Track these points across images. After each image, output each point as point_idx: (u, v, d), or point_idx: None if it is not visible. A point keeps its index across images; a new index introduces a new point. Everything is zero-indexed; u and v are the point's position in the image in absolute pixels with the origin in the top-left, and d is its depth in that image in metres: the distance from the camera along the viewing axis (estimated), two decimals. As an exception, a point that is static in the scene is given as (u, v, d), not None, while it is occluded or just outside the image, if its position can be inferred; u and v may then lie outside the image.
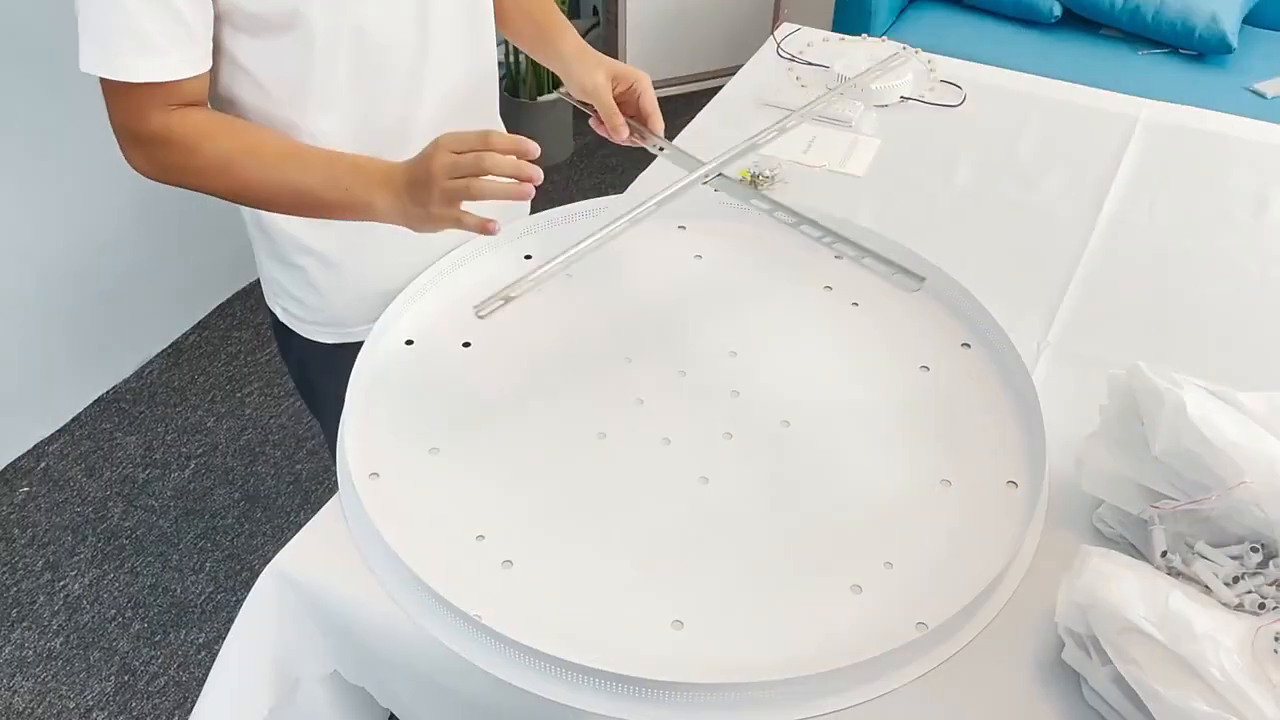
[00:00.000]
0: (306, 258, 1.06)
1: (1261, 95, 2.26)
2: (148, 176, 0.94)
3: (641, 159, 1.22)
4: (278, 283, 1.11)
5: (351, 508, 0.88)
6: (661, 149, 1.08)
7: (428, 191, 0.86)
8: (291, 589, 0.89)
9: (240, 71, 0.94)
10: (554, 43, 1.11)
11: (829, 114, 1.45)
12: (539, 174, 0.85)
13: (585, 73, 1.07)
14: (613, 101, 1.07)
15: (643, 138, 1.09)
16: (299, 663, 0.93)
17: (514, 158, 0.85)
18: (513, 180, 0.85)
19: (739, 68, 1.61)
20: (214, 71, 0.93)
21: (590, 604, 0.82)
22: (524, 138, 0.86)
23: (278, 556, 0.89)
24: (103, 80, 0.89)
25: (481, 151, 0.84)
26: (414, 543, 0.84)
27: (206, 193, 0.94)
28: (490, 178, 0.85)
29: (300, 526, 0.91)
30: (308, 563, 0.88)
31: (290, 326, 1.15)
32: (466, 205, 0.87)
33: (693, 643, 0.80)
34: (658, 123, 1.08)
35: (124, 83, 0.87)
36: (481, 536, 0.87)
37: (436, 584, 0.79)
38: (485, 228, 0.87)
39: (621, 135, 1.08)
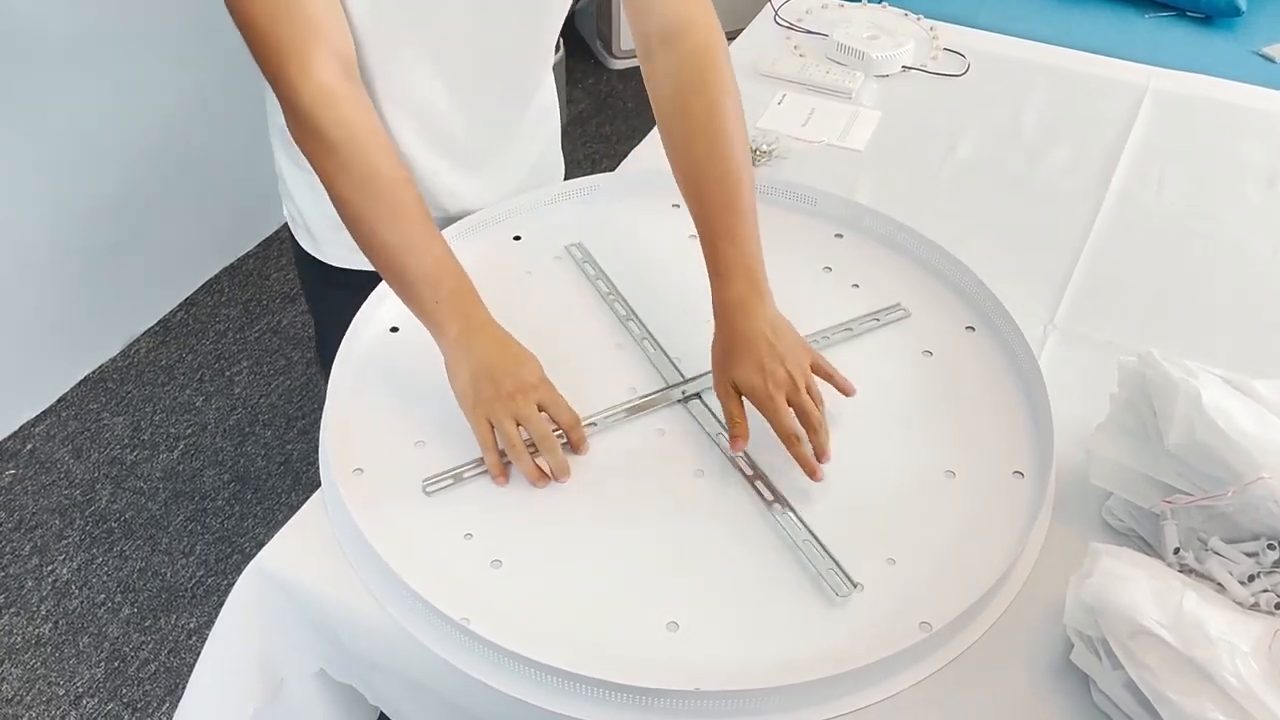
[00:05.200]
0: None
1: (1271, 59, 2.21)
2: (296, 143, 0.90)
3: (635, 131, 1.18)
4: (286, 179, 1.11)
5: (334, 505, 0.85)
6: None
7: (516, 384, 0.85)
8: (274, 588, 0.86)
9: None
10: (711, 268, 0.91)
11: (828, 85, 1.41)
12: (562, 476, 0.87)
13: (716, 365, 0.89)
14: (738, 413, 0.87)
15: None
16: (283, 662, 0.90)
17: (560, 456, 0.86)
18: (538, 469, 0.86)
19: (736, 34, 1.56)
20: None
21: (582, 604, 0.80)
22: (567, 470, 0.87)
23: (259, 555, 0.86)
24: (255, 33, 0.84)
25: (549, 436, 0.85)
26: (399, 542, 0.81)
27: (327, 185, 0.88)
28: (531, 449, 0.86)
29: (291, 508, 0.88)
30: (290, 561, 0.85)
31: (290, 227, 1.15)
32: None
33: (688, 645, 0.77)
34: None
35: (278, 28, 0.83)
36: (469, 535, 0.84)
37: (422, 587, 0.76)
38: (527, 473, 0.86)
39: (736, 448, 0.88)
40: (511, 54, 1.03)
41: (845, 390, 0.90)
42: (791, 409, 0.85)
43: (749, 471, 0.88)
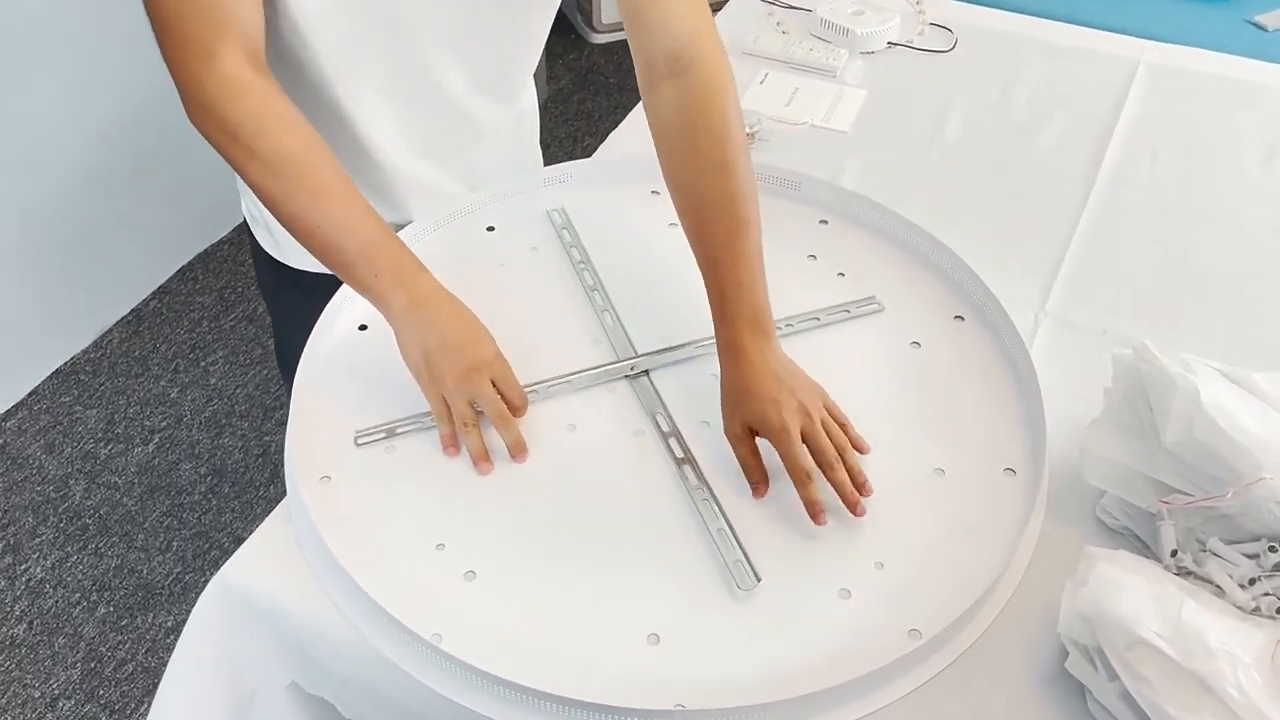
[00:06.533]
0: None
1: (1262, 28, 2.16)
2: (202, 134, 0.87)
3: (618, 106, 1.14)
4: None
5: (299, 516, 0.82)
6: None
7: (471, 362, 0.84)
8: (240, 601, 0.83)
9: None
10: (716, 313, 0.87)
11: (812, 62, 1.36)
12: (519, 454, 0.86)
13: (726, 408, 0.85)
14: (752, 458, 0.84)
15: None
16: (253, 675, 0.87)
17: (517, 433, 0.85)
18: (485, 453, 0.85)
19: (717, 10, 1.51)
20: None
21: (559, 616, 0.77)
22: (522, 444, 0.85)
23: (223, 569, 0.83)
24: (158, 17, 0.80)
25: (505, 414, 0.85)
26: (368, 555, 0.78)
27: (240, 174, 0.86)
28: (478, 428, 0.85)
29: (270, 501, 0.86)
30: (255, 575, 0.82)
31: (249, 224, 1.11)
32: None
33: (669, 659, 0.74)
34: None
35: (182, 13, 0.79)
36: (442, 545, 0.81)
37: (391, 603, 0.73)
38: (474, 452, 0.85)
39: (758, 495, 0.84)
40: (491, 67, 1.01)
41: (860, 447, 0.84)
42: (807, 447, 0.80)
43: (680, 455, 0.86)
